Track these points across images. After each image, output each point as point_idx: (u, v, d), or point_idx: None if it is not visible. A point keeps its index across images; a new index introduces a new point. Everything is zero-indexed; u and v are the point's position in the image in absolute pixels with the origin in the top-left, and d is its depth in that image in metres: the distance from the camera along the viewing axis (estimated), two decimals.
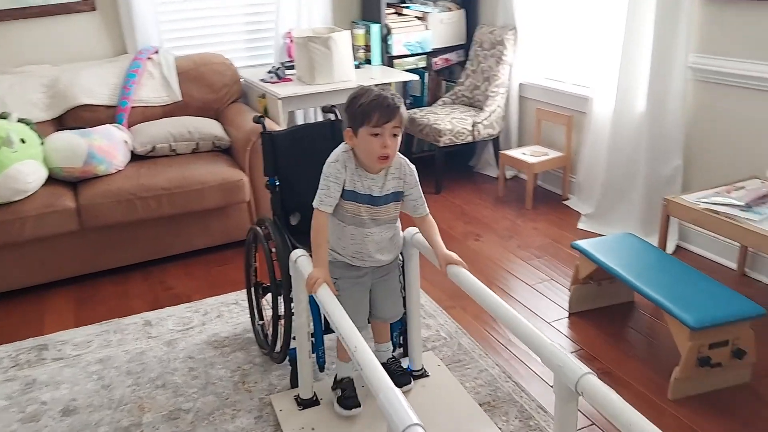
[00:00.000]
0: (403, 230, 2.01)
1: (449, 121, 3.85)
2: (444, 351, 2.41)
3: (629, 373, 2.25)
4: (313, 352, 2.12)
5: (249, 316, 2.60)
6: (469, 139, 3.87)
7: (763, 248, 2.30)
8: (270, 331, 2.47)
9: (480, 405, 2.09)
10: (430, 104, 4.32)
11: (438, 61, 4.33)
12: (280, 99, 3.39)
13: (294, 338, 2.12)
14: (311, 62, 3.49)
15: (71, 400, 2.25)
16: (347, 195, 1.82)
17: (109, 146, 3.06)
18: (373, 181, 1.81)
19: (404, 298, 2.09)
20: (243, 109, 3.61)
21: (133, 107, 3.42)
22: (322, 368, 2.20)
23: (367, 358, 1.39)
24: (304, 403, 2.11)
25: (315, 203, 1.82)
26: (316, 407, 2.11)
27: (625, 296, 2.67)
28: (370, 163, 1.78)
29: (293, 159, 2.35)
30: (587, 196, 3.56)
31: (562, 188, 3.81)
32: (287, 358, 2.24)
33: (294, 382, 2.21)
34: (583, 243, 2.55)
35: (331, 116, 2.42)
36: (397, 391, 1.27)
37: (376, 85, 1.80)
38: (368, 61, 4.12)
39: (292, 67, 3.78)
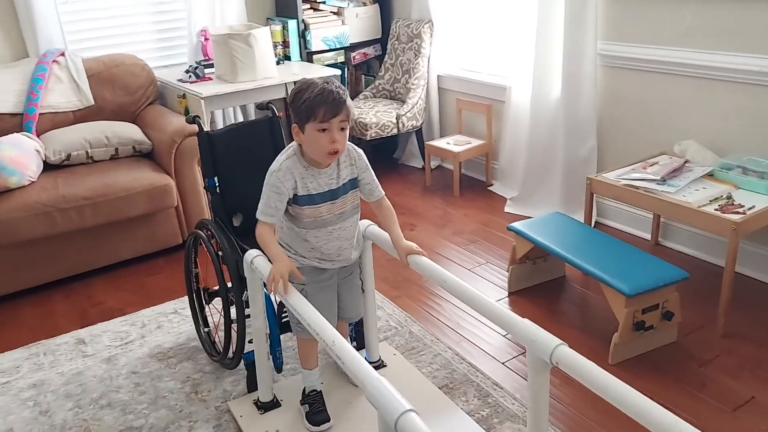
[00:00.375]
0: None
1: (374, 114, 3.88)
2: (397, 340, 2.45)
3: (571, 343, 2.34)
4: (269, 354, 2.09)
5: (192, 324, 2.53)
6: (395, 131, 3.93)
7: (679, 217, 2.51)
8: (218, 338, 2.42)
9: (439, 388, 2.15)
10: (351, 99, 4.33)
11: (356, 56, 4.35)
12: (203, 98, 3.29)
13: (250, 341, 2.09)
14: (232, 60, 3.41)
15: (7, 430, 2.09)
16: (302, 201, 1.76)
17: (20, 156, 2.85)
18: (327, 176, 1.78)
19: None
20: (162, 111, 3.47)
21: (41, 114, 3.20)
22: (279, 369, 2.17)
23: (346, 349, 1.40)
24: (265, 407, 2.08)
25: (257, 214, 1.76)
26: (278, 409, 2.08)
27: (557, 272, 2.82)
28: (319, 158, 1.74)
29: (232, 158, 2.30)
30: (510, 181, 3.72)
31: (486, 175, 3.95)
32: (242, 362, 2.20)
33: (251, 387, 2.17)
34: (518, 225, 2.67)
35: (268, 113, 2.38)
36: (384, 379, 1.29)
37: (319, 78, 1.74)
38: (287, 58, 4.08)
39: (210, 66, 3.68)
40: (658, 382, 2.15)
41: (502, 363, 2.31)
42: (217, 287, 2.33)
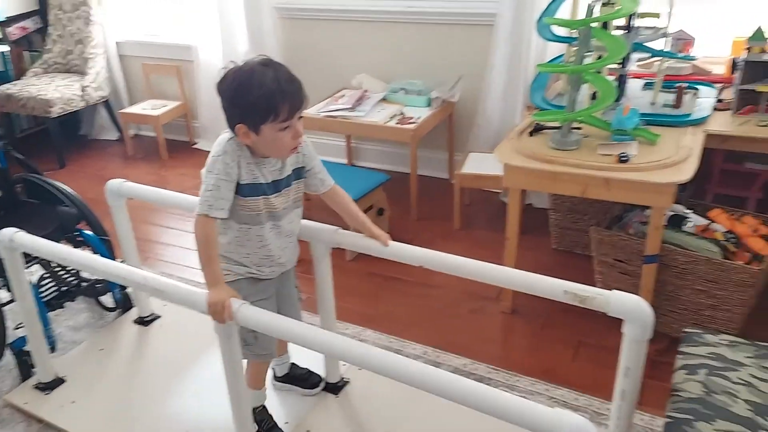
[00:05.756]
0: None
1: (55, 89, 3.66)
2: None
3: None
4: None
5: None
6: (82, 104, 3.77)
7: (371, 134, 3.11)
8: None
9: None
10: (18, 78, 3.96)
11: (13, 31, 3.96)
12: None
13: (16, 328, 2.01)
14: None
15: None
16: (246, 191, 1.48)
17: None
18: (271, 166, 1.50)
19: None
20: None
21: None
22: (54, 348, 2.13)
23: (163, 282, 1.56)
24: (49, 386, 2.04)
25: (201, 209, 1.43)
26: (64, 385, 2.06)
27: None
28: (278, 156, 1.49)
29: None
30: (215, 136, 3.88)
31: (188, 134, 4.08)
32: (8, 353, 2.09)
33: (25, 374, 2.09)
34: None
35: None
36: (177, 282, 1.51)
37: (255, 59, 1.42)
38: None
39: None
40: (381, 262, 2.73)
41: None
42: None
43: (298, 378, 1.97)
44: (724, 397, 1.34)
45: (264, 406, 1.83)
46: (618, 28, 2.22)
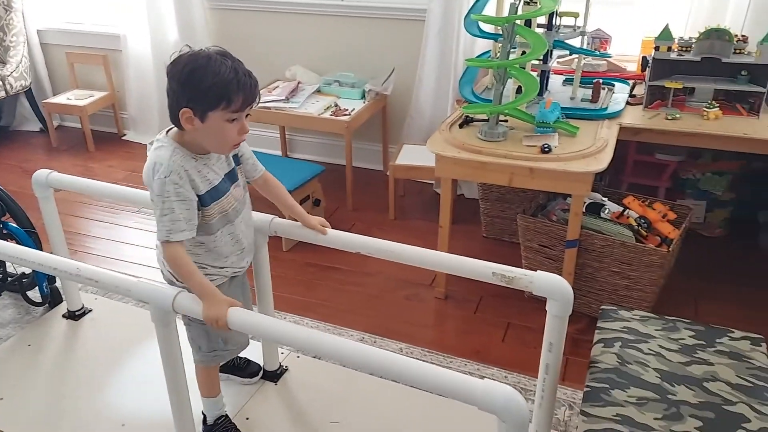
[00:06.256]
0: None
1: None
2: None
3: None
4: None
5: None
6: (2, 94, 3.61)
7: (306, 125, 3.14)
8: None
9: None
10: None
11: None
12: None
13: None
14: None
15: None
16: (208, 200, 1.44)
17: None
18: (217, 159, 1.48)
19: None
20: None
21: None
22: None
23: (98, 272, 1.55)
24: None
25: (164, 236, 1.38)
26: None
27: None
28: (219, 150, 1.45)
29: None
30: (145, 127, 3.86)
31: (116, 126, 3.98)
32: None
33: None
34: None
35: None
36: (141, 279, 1.51)
37: (211, 48, 1.39)
38: None
39: None
40: (317, 252, 2.78)
41: None
42: None
43: (237, 367, 1.98)
44: (637, 366, 1.47)
45: (227, 415, 1.78)
46: (540, 26, 2.35)
